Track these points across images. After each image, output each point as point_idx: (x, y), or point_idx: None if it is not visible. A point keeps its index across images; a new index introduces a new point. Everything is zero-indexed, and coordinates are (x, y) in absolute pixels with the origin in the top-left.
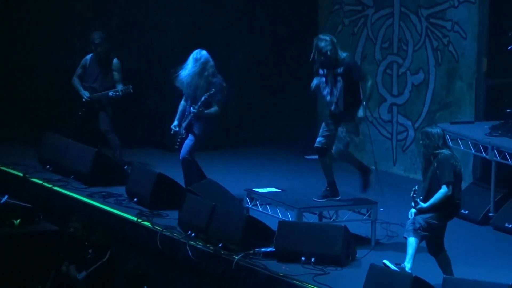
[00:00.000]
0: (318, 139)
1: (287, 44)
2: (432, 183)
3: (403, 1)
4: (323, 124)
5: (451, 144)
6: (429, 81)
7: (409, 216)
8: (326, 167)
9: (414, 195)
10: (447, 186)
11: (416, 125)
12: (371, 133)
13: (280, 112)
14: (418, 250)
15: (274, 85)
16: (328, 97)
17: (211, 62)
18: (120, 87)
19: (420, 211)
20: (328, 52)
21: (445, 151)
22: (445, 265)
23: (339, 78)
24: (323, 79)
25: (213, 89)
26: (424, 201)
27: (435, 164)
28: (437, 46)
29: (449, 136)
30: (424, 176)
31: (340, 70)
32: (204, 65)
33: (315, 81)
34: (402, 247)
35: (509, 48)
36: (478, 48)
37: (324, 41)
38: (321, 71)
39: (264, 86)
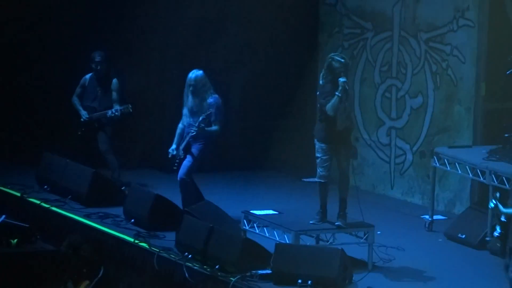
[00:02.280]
0: (322, 173)
1: (287, 66)
2: None
3: (403, 25)
4: (320, 152)
5: (448, 168)
6: (428, 105)
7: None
8: (325, 194)
9: (497, 198)
10: None
11: (414, 148)
12: (369, 157)
13: (279, 135)
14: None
15: (273, 108)
16: (343, 114)
17: (208, 83)
18: (117, 107)
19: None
20: (342, 74)
21: None
22: None
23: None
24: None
25: (211, 110)
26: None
27: None
28: (436, 70)
29: (447, 160)
30: None
31: (347, 80)
32: (201, 85)
33: (333, 103)
34: (399, 271)
35: (507, 72)
36: (476, 72)
37: (339, 62)
38: (337, 92)
39: (263, 108)
